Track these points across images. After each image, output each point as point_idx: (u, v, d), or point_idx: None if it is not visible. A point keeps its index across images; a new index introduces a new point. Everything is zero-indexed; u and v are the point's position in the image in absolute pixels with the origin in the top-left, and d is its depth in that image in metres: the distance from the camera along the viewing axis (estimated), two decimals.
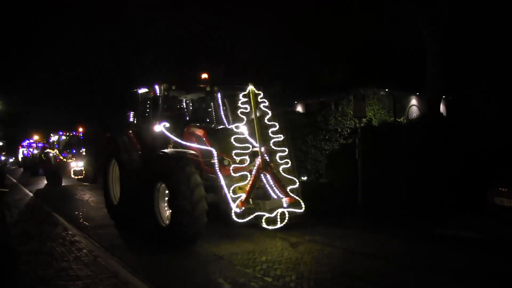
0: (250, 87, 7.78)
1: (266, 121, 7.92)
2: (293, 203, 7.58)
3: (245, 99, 7.80)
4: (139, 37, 25.72)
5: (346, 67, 23.59)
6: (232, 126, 8.29)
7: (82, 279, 5.52)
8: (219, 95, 9.44)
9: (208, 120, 9.50)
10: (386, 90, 19.86)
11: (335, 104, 14.12)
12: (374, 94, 16.53)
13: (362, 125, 10.63)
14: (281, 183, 7.59)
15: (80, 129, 23.25)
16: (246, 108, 7.79)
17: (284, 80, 28.94)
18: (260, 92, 7.89)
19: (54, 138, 23.10)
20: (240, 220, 7.14)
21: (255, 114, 7.58)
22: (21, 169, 36.77)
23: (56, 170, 20.15)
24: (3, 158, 40.42)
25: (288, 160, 7.91)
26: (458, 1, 13.11)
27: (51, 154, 21.36)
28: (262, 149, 7.48)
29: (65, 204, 13.02)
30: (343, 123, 13.84)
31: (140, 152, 8.86)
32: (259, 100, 7.87)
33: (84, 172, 19.71)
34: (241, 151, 7.46)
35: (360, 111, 10.24)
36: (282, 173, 7.80)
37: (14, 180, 24.76)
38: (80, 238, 7.92)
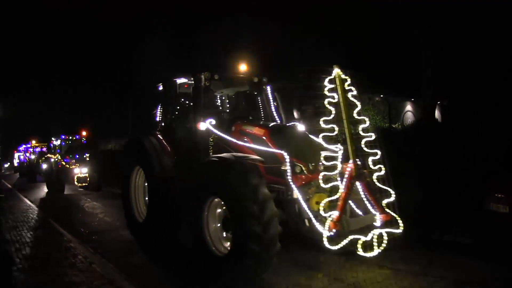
0: (337, 71, 6.14)
1: (355, 115, 6.20)
2: (389, 222, 5.95)
3: (332, 86, 6.07)
4: (149, 32, 25.28)
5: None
6: (292, 124, 7.07)
7: (77, 285, 5.50)
8: (268, 88, 7.95)
9: (251, 118, 7.79)
10: (381, 96, 20.01)
11: None
12: (369, 100, 16.67)
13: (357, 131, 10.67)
14: (376, 196, 5.98)
15: (84, 133, 21.58)
16: (333, 98, 6.01)
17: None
18: (347, 78, 6.22)
19: (55, 142, 21.21)
20: (334, 247, 5.46)
21: (345, 105, 6.01)
22: (17, 175, 35.74)
23: (58, 177, 18.65)
24: None
25: (382, 166, 6.14)
26: (452, 6, 13.26)
27: (52, 160, 19.81)
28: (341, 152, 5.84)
29: (61, 210, 12.97)
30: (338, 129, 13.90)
31: (173, 157, 7.38)
32: (346, 88, 6.16)
33: (88, 179, 18.41)
34: (331, 155, 5.81)
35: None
36: (376, 183, 6.06)
37: (9, 185, 24.55)
38: (75, 244, 7.88)
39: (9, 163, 56.09)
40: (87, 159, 19.11)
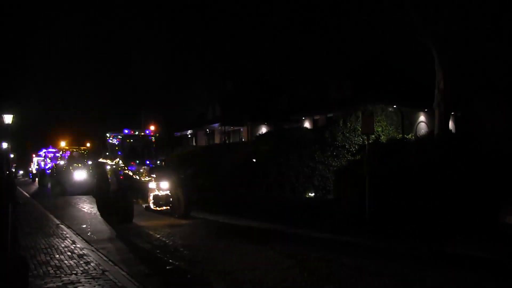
0: None
1: None
2: None
3: None
4: None
5: (354, 83, 23.74)
6: None
7: None
8: None
9: None
10: (394, 106, 19.93)
11: (343, 121, 14.20)
12: (382, 110, 16.65)
13: (370, 141, 10.65)
14: None
15: (152, 127, 14.30)
16: None
17: (292, 95, 29.15)
18: None
19: (113, 141, 13.84)
20: None
21: None
22: (35, 183, 32.06)
23: (123, 195, 11.65)
24: (13, 170, 39.06)
25: None
26: (466, 17, 13.18)
27: (108, 167, 13.15)
28: None
29: (73, 217, 13.09)
30: (351, 139, 13.89)
31: None
32: None
33: (171, 199, 12.02)
34: None
35: (368, 127, 10.28)
36: None
37: (27, 194, 23.92)
38: (88, 252, 7.96)
39: (22, 171, 56.64)
40: (163, 166, 13.37)
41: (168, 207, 12.06)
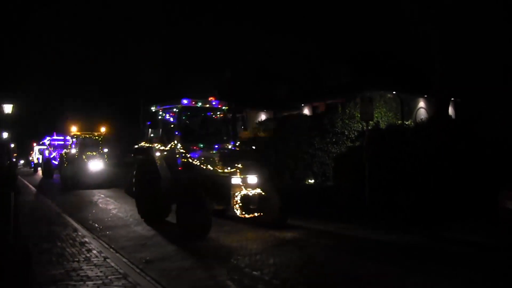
0: None
1: None
2: None
3: None
4: None
5: (353, 69, 23.64)
6: None
7: (92, 279, 5.60)
8: None
9: None
10: (394, 92, 19.86)
11: (342, 107, 14.17)
12: (381, 97, 16.57)
13: (369, 128, 10.64)
14: None
15: (212, 98, 9.99)
16: None
17: (290, 82, 29.06)
18: None
19: (164, 115, 9.92)
20: None
21: None
22: (38, 174, 30.67)
23: (194, 196, 8.01)
24: (14, 160, 38.61)
25: None
26: (465, 5, 13.11)
27: (158, 154, 9.59)
28: None
29: (75, 206, 13.15)
30: (350, 126, 13.88)
31: None
32: None
33: (264, 201, 8.14)
34: None
35: (367, 114, 10.27)
36: None
37: (33, 187, 23.94)
38: (89, 239, 8.02)
39: (23, 161, 56.57)
40: (239, 151, 9.47)
41: (262, 214, 8.21)
